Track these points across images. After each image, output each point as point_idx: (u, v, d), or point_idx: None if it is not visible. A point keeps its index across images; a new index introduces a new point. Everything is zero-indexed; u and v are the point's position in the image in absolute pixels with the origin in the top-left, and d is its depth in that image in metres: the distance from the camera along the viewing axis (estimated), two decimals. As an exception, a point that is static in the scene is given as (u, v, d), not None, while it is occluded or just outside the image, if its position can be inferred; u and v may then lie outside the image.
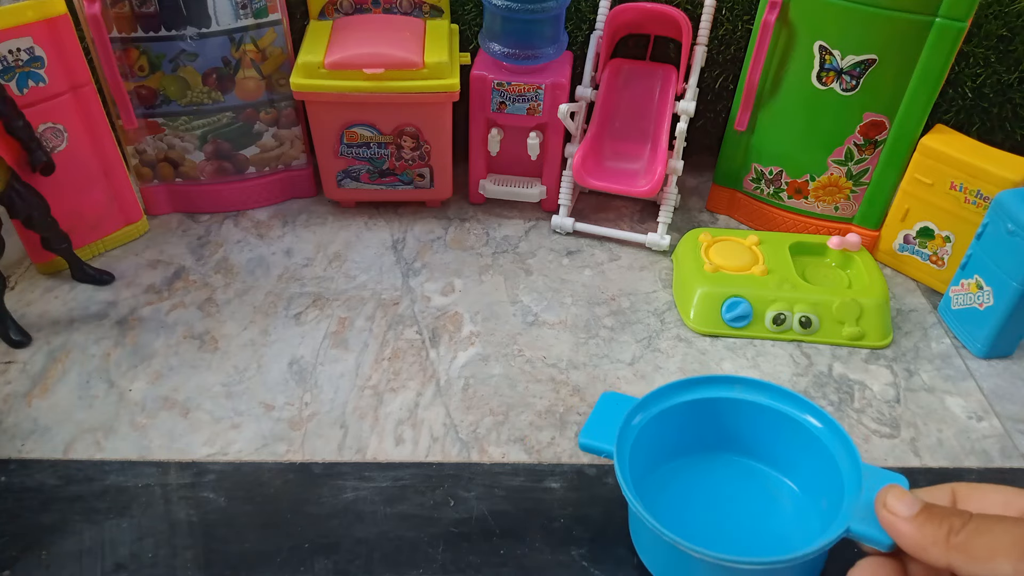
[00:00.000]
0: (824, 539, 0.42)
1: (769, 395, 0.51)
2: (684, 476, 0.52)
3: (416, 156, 0.76)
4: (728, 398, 0.51)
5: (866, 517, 0.42)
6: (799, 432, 0.50)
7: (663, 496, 0.51)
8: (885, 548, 0.41)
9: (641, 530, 0.48)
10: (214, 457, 0.55)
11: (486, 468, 0.55)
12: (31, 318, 0.66)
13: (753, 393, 0.51)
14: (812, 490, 0.51)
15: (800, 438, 0.50)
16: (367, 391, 0.60)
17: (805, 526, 0.50)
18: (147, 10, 0.67)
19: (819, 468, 0.48)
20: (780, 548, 0.48)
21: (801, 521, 0.50)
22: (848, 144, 0.71)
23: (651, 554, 0.48)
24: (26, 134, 0.63)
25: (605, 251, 0.76)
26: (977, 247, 0.64)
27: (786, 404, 0.50)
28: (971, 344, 0.66)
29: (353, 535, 0.50)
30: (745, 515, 0.51)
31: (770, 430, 0.51)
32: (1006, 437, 0.59)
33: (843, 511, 0.43)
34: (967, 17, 0.62)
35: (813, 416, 0.49)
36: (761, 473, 0.53)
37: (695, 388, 0.51)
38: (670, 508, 0.49)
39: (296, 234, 0.77)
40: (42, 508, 0.51)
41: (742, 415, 0.51)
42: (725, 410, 0.52)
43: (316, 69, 0.69)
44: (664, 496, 0.51)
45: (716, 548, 0.41)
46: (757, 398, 0.51)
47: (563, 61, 0.75)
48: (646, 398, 0.50)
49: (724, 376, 0.52)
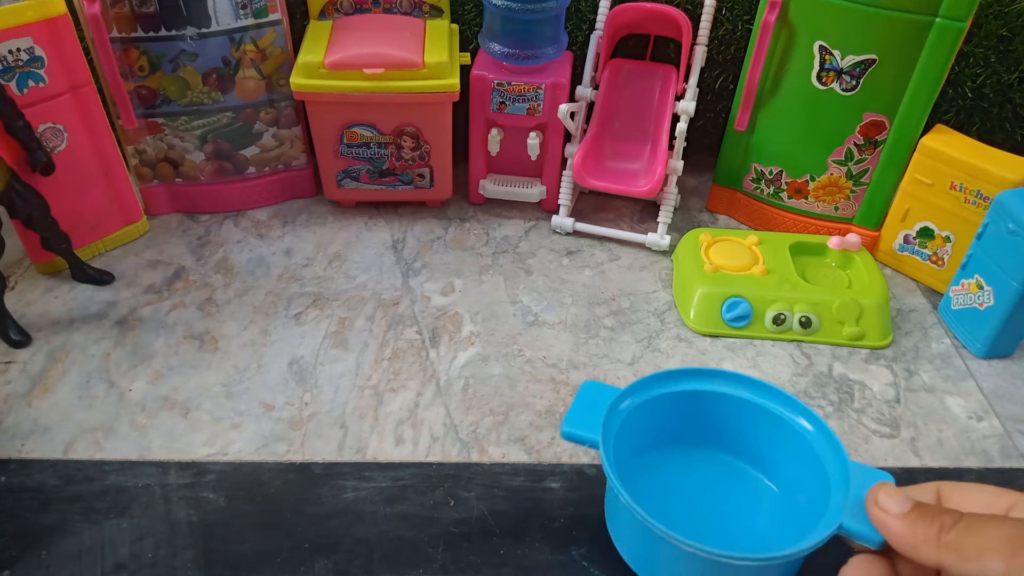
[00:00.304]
0: (817, 535, 0.41)
1: (752, 390, 0.51)
2: (663, 467, 0.52)
3: (416, 156, 0.76)
4: (710, 391, 0.51)
5: (857, 514, 0.42)
6: (781, 427, 0.49)
7: (642, 485, 0.50)
8: (875, 545, 0.41)
9: (620, 518, 0.48)
10: (214, 457, 0.55)
11: (486, 468, 0.55)
12: (31, 318, 0.66)
13: (736, 388, 0.51)
14: (791, 486, 0.50)
15: (782, 433, 0.49)
16: (367, 391, 0.60)
17: (782, 524, 0.49)
18: (147, 10, 0.67)
19: (800, 464, 0.48)
20: (755, 545, 0.48)
21: (778, 518, 0.50)
22: (848, 144, 0.71)
23: (628, 542, 0.48)
24: (26, 134, 0.63)
25: (605, 251, 0.76)
26: (978, 247, 0.64)
27: (769, 399, 0.50)
28: (971, 344, 0.66)
29: (353, 535, 0.50)
30: (721, 509, 0.51)
31: (751, 425, 0.51)
32: (1006, 437, 0.59)
33: (832, 507, 0.43)
34: (967, 17, 0.62)
35: (797, 412, 0.49)
36: (740, 469, 0.53)
37: (679, 380, 0.51)
38: (648, 498, 0.49)
39: (296, 234, 0.77)
40: (42, 508, 0.51)
41: (724, 409, 0.51)
42: (708, 403, 0.51)
43: (316, 69, 0.69)
44: (643, 485, 0.50)
45: (689, 538, 0.41)
46: (740, 392, 0.51)
47: (563, 61, 0.75)
48: (631, 387, 0.49)
49: (707, 369, 0.51)
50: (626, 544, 0.48)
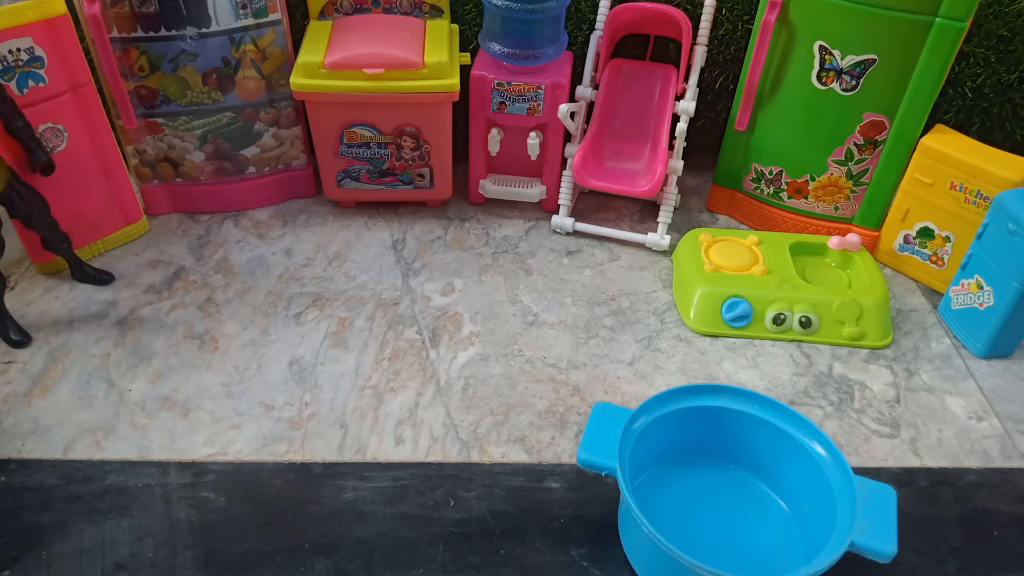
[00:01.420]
0: (830, 554, 0.42)
1: (760, 407, 0.51)
2: (675, 479, 0.53)
3: (416, 156, 0.76)
4: (720, 407, 0.51)
5: (865, 531, 0.43)
6: (794, 449, 0.50)
7: (655, 496, 0.51)
8: (885, 559, 0.42)
9: (636, 535, 0.48)
10: (214, 457, 0.55)
11: (486, 468, 0.55)
12: (31, 318, 0.66)
13: (744, 404, 0.51)
14: (799, 504, 0.51)
15: (795, 454, 0.50)
16: (367, 391, 0.60)
17: (790, 541, 0.50)
18: (147, 10, 0.67)
19: (810, 484, 0.49)
20: (764, 563, 0.49)
21: (786, 535, 0.51)
22: (848, 144, 0.71)
23: (643, 560, 0.48)
24: (26, 134, 0.63)
25: (605, 251, 0.76)
26: (978, 247, 0.64)
27: (775, 416, 0.51)
28: (971, 344, 0.66)
29: (353, 535, 0.50)
30: (731, 524, 0.51)
31: (763, 441, 0.52)
32: (1006, 437, 0.59)
33: (839, 527, 0.44)
34: (967, 17, 0.62)
35: (811, 437, 0.49)
36: (750, 483, 0.53)
37: (691, 396, 0.51)
38: (661, 510, 0.50)
39: (296, 234, 0.77)
40: (42, 508, 0.51)
41: (737, 425, 0.52)
42: (717, 419, 0.52)
43: (316, 69, 0.69)
44: (656, 497, 0.51)
45: (701, 558, 0.41)
46: (753, 410, 0.51)
47: (563, 61, 0.75)
48: (643, 406, 0.50)
49: (717, 385, 0.52)
50: (641, 560, 0.48)
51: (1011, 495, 0.54)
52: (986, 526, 0.52)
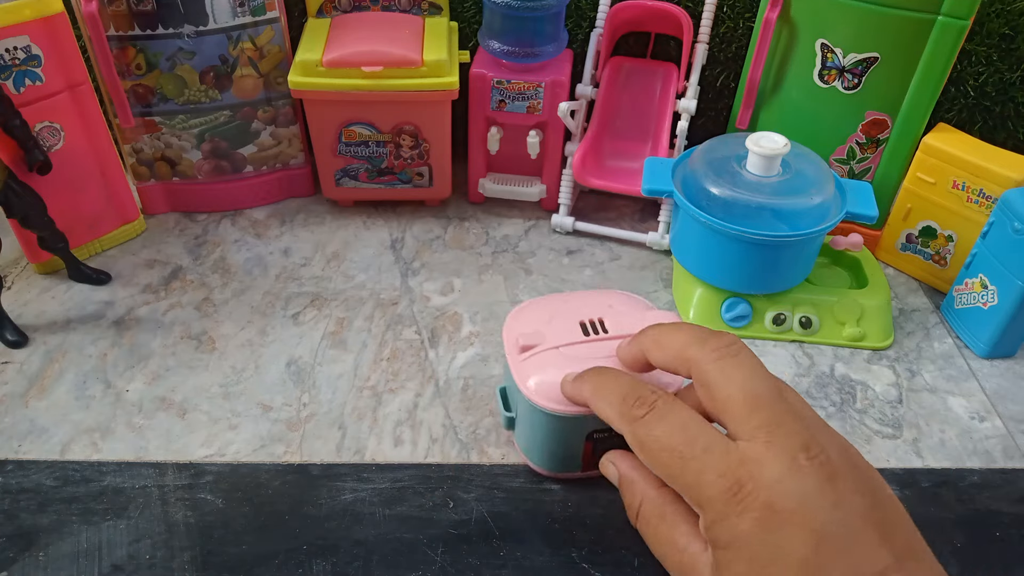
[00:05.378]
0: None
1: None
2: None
3: (415, 155, 0.76)
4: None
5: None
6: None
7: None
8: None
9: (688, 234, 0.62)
10: (211, 458, 0.55)
11: (486, 469, 0.54)
12: (28, 318, 0.66)
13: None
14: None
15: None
16: (366, 392, 0.60)
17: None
18: (144, 8, 0.66)
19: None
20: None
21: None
22: (850, 143, 0.71)
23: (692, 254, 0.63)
24: (23, 133, 0.62)
25: (605, 250, 0.76)
26: (982, 246, 0.63)
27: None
28: (974, 344, 0.65)
29: (352, 537, 0.50)
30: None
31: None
32: (1008, 438, 0.58)
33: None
34: (969, 15, 0.62)
35: None
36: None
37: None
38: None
39: (294, 233, 0.77)
40: (39, 509, 0.51)
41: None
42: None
43: (314, 67, 0.69)
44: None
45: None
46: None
47: (563, 59, 0.75)
48: (685, 153, 0.64)
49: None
50: (691, 255, 0.63)
51: (1013, 496, 0.54)
52: (988, 527, 0.52)
